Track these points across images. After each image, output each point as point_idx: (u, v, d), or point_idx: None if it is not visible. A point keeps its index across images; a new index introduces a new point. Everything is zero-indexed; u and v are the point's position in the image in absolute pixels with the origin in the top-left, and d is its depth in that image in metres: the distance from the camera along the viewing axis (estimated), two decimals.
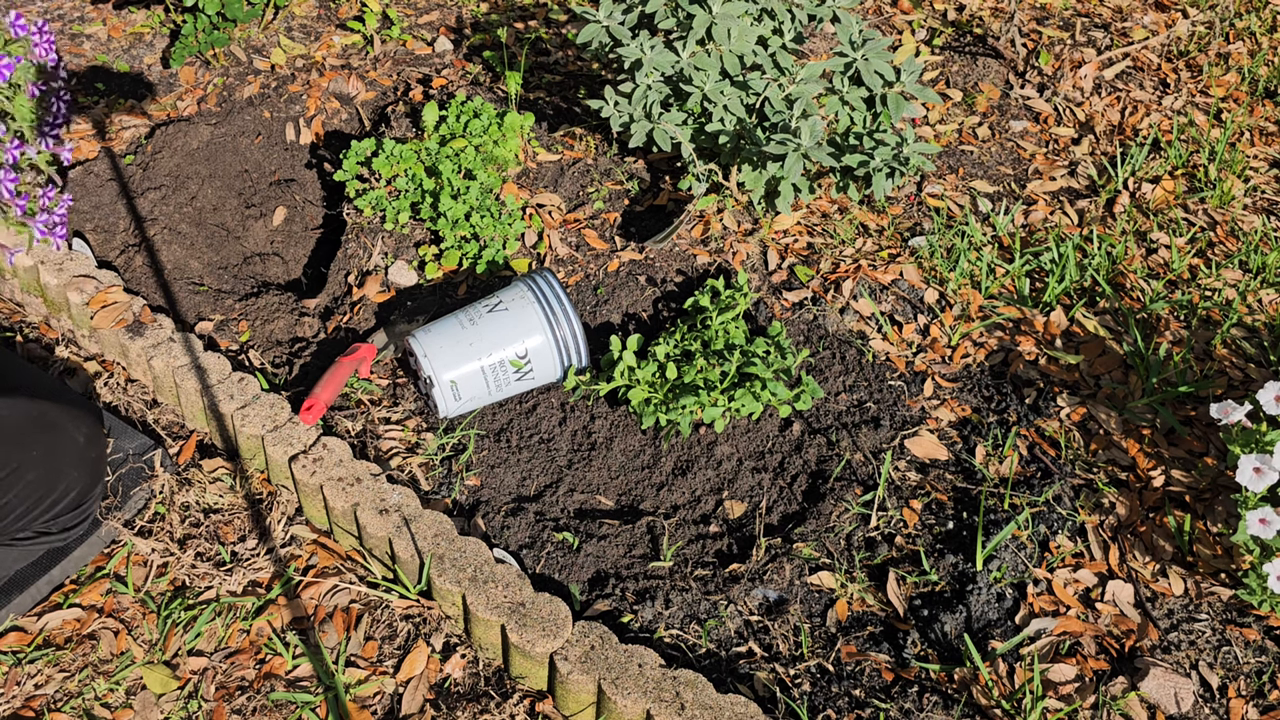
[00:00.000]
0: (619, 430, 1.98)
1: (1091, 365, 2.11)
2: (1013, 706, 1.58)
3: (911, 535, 1.82)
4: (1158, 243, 2.40)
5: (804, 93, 2.15)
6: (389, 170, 2.29)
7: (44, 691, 1.61)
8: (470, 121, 2.39)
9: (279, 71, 2.79)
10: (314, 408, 1.85)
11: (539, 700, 1.61)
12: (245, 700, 1.60)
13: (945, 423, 2.00)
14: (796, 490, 1.90)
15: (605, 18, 2.23)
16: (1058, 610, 1.71)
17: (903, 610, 1.72)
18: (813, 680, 1.62)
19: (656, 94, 2.20)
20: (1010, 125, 2.75)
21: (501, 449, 1.95)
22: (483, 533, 1.80)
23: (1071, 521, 1.83)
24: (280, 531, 1.82)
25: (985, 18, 3.12)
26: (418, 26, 3.00)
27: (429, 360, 1.91)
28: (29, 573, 1.69)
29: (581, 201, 2.43)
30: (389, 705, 1.60)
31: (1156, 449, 1.95)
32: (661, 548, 1.80)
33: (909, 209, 2.47)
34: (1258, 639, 1.67)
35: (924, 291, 2.25)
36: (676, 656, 1.64)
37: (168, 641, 1.67)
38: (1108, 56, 2.93)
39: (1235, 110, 2.79)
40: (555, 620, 1.58)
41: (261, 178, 2.50)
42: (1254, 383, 2.07)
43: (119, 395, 2.00)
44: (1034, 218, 2.46)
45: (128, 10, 2.93)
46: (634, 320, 2.19)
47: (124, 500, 1.79)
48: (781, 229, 2.38)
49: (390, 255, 2.26)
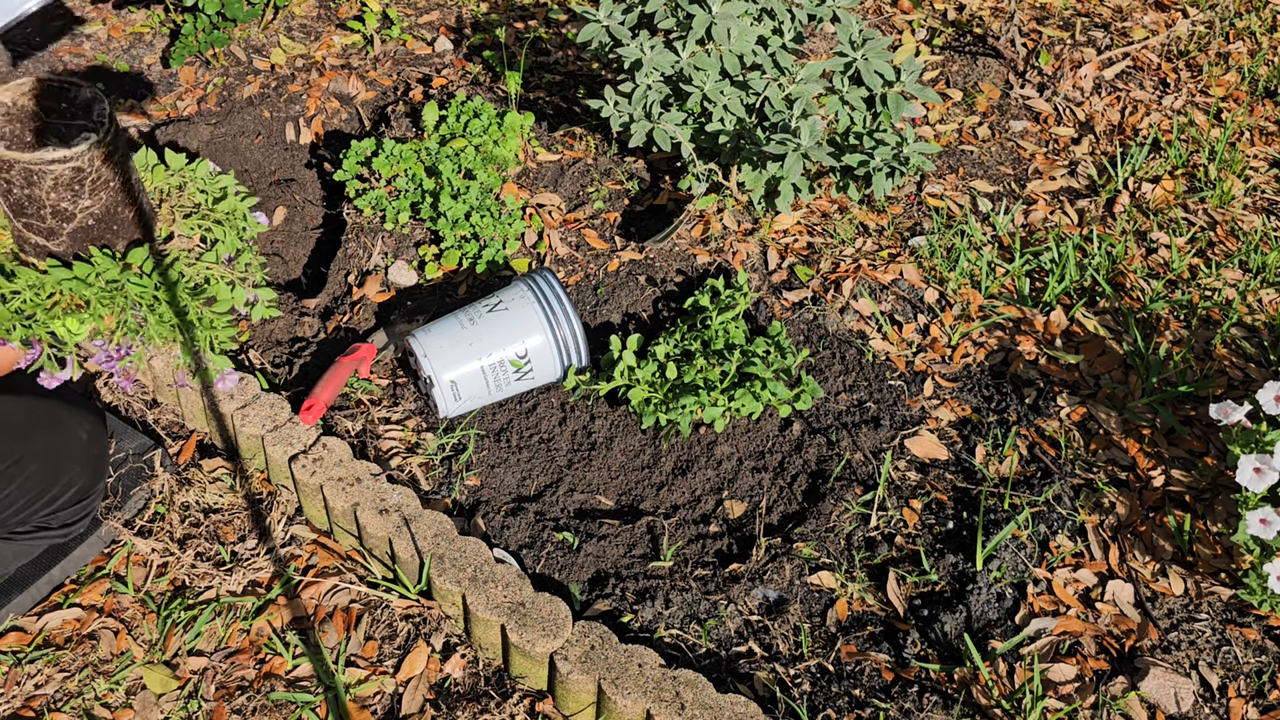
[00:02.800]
0: (619, 430, 1.98)
1: (1091, 365, 2.11)
2: (1013, 706, 1.58)
3: (911, 535, 1.82)
4: (1158, 242, 2.40)
5: (804, 92, 2.15)
6: (389, 170, 2.29)
7: (44, 691, 1.61)
8: (470, 121, 2.39)
9: (279, 71, 2.79)
10: (314, 408, 1.85)
11: (539, 700, 1.61)
12: (245, 700, 1.60)
13: (945, 422, 2.00)
14: (796, 490, 1.90)
15: (605, 17, 2.23)
16: (1058, 610, 1.71)
17: (903, 610, 1.72)
18: (813, 680, 1.62)
19: (656, 94, 2.20)
20: (1010, 125, 2.75)
21: (501, 449, 1.95)
22: (483, 533, 1.80)
23: (1071, 521, 1.83)
24: (280, 531, 1.82)
25: (985, 17, 3.12)
26: (418, 26, 2.99)
27: (429, 360, 1.91)
28: (29, 572, 1.69)
29: (581, 201, 2.43)
30: (389, 705, 1.60)
31: (1156, 449, 1.95)
32: (661, 548, 1.80)
33: (909, 209, 2.47)
34: (1258, 639, 1.67)
35: (924, 291, 2.25)
36: (676, 656, 1.64)
37: (168, 641, 1.67)
38: (1108, 56, 2.93)
39: (1235, 110, 2.79)
40: (555, 620, 1.58)
41: (261, 177, 2.50)
42: (1254, 383, 2.07)
43: (119, 395, 2.00)
44: (1034, 217, 2.46)
45: (128, 10, 2.93)
46: (634, 320, 2.19)
47: (124, 500, 1.79)
48: (781, 229, 2.38)
49: (390, 255, 2.26)
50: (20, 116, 1.37)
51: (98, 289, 1.44)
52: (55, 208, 1.39)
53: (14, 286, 1.42)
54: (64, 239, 1.43)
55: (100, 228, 1.45)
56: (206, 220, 1.59)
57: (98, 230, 1.45)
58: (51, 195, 1.37)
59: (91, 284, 1.44)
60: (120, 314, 1.47)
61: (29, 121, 1.36)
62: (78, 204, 1.39)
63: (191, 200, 1.61)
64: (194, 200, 1.61)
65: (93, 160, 1.37)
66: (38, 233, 1.42)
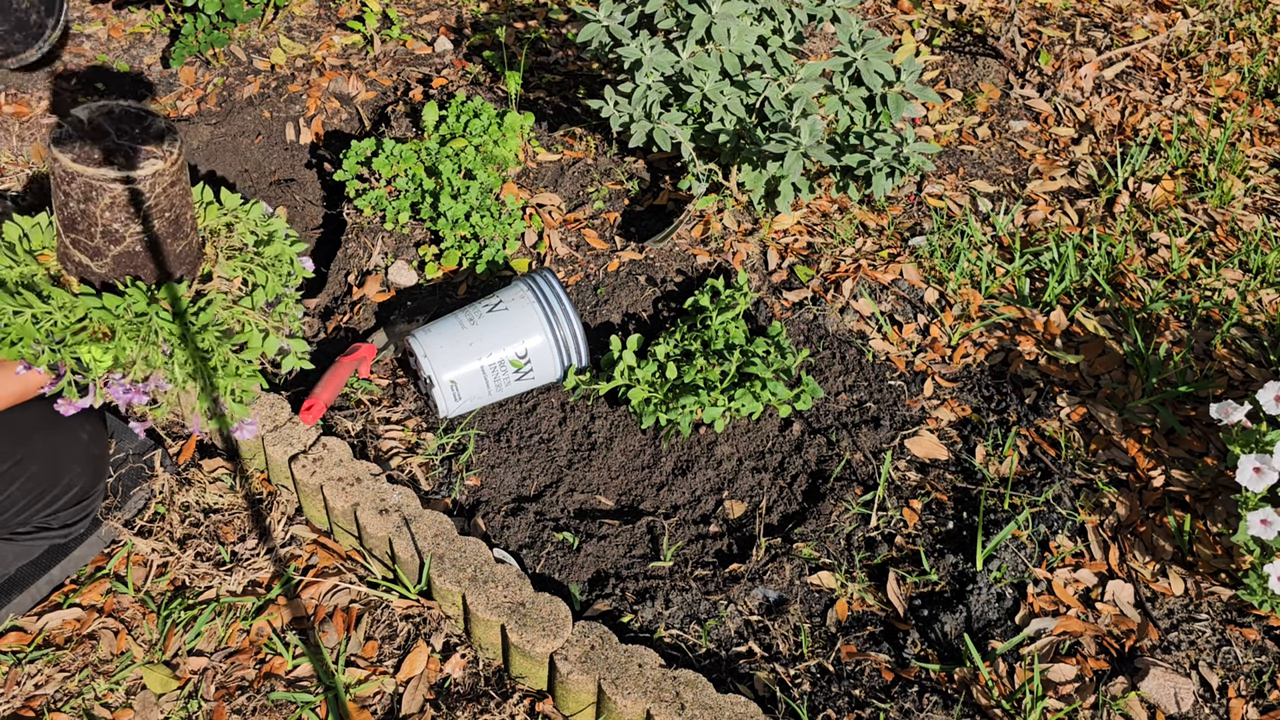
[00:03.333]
0: (619, 430, 1.98)
1: (1091, 365, 2.11)
2: (1013, 706, 1.58)
3: (911, 535, 1.82)
4: (1158, 243, 2.40)
5: (804, 92, 2.15)
6: (389, 170, 2.29)
7: (44, 691, 1.61)
8: (470, 121, 2.39)
9: (279, 71, 2.79)
10: (314, 408, 1.85)
11: (539, 700, 1.61)
12: (245, 700, 1.60)
13: (945, 422, 2.00)
14: (796, 490, 1.90)
15: (605, 17, 2.23)
16: (1058, 610, 1.71)
17: (903, 610, 1.72)
18: (813, 680, 1.62)
19: (656, 94, 2.20)
20: (1010, 125, 2.75)
21: (501, 449, 1.95)
22: (483, 533, 1.80)
23: (1071, 521, 1.83)
24: (280, 531, 1.82)
25: (985, 18, 3.12)
26: (418, 26, 2.99)
27: (429, 360, 1.91)
28: (29, 572, 1.69)
29: (581, 201, 2.43)
30: (389, 705, 1.60)
31: (1156, 449, 1.95)
32: (661, 548, 1.80)
33: (909, 209, 2.47)
34: (1258, 639, 1.67)
35: (924, 291, 2.25)
36: (676, 656, 1.64)
37: (168, 641, 1.67)
38: (1108, 56, 2.93)
39: (1235, 110, 2.79)
40: (555, 620, 1.58)
41: (261, 178, 2.50)
42: (1254, 383, 2.07)
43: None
44: (1034, 218, 2.46)
45: (128, 10, 2.93)
46: (634, 320, 2.19)
47: (124, 500, 1.79)
48: (781, 229, 2.38)
49: (390, 255, 2.26)
50: (93, 134, 1.37)
51: (125, 320, 1.43)
52: (106, 228, 1.39)
53: (46, 308, 1.41)
54: (108, 261, 1.42)
55: (145, 256, 1.44)
56: (251, 264, 1.58)
57: (142, 259, 1.44)
58: (106, 214, 1.37)
59: (120, 315, 1.43)
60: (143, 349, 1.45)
61: (100, 140, 1.37)
62: (129, 228, 1.39)
63: (240, 240, 1.60)
64: (242, 240, 1.60)
65: (153, 186, 1.37)
66: (84, 251, 1.41)
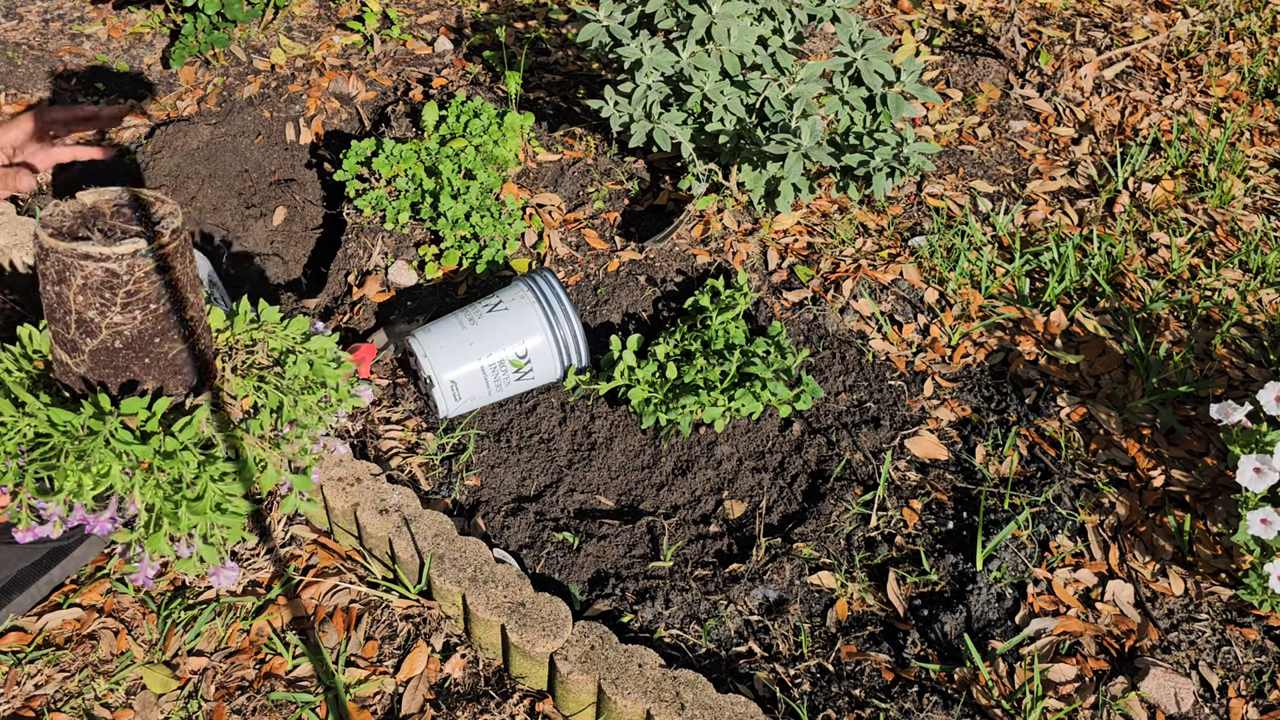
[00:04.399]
0: (619, 430, 1.98)
1: (1091, 365, 2.11)
2: (1013, 706, 1.58)
3: (911, 535, 1.82)
4: (1158, 243, 2.40)
5: (804, 92, 2.15)
6: (389, 170, 2.29)
7: (44, 691, 1.61)
8: (470, 121, 2.39)
9: (279, 71, 2.79)
10: None
11: (539, 700, 1.61)
12: (245, 700, 1.60)
13: (945, 423, 2.00)
14: (796, 490, 1.90)
15: (605, 17, 2.23)
16: (1058, 610, 1.71)
17: (903, 610, 1.72)
18: (813, 680, 1.62)
19: (656, 94, 2.20)
20: (1010, 125, 2.75)
21: (501, 449, 1.95)
22: (483, 533, 1.80)
23: (1071, 521, 1.83)
24: (280, 531, 1.82)
25: (985, 18, 3.12)
26: (418, 26, 2.99)
27: (429, 360, 1.91)
28: (29, 572, 1.69)
29: (581, 201, 2.43)
30: (389, 705, 1.60)
31: (1156, 449, 1.95)
32: (661, 548, 1.80)
33: (909, 209, 2.47)
34: (1258, 639, 1.67)
35: (924, 291, 2.25)
36: (676, 656, 1.64)
37: (168, 641, 1.67)
38: (1108, 56, 2.93)
39: (1235, 110, 2.79)
40: (555, 620, 1.58)
41: (261, 178, 2.50)
42: (1254, 383, 2.06)
43: None
44: (1034, 218, 2.46)
45: (128, 10, 2.93)
46: (634, 320, 2.19)
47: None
48: (781, 229, 2.38)
49: (390, 255, 2.26)
50: (90, 217, 1.21)
51: (71, 440, 1.20)
52: (80, 316, 1.20)
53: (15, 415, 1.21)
54: (84, 358, 1.23)
55: (127, 356, 1.24)
56: (266, 385, 1.36)
57: (124, 358, 1.24)
58: (78, 299, 1.18)
59: (69, 432, 1.19)
60: (91, 475, 1.20)
61: (95, 222, 1.21)
62: (105, 317, 1.20)
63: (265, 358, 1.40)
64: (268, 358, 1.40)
65: (131, 269, 1.18)
66: (62, 345, 1.22)
